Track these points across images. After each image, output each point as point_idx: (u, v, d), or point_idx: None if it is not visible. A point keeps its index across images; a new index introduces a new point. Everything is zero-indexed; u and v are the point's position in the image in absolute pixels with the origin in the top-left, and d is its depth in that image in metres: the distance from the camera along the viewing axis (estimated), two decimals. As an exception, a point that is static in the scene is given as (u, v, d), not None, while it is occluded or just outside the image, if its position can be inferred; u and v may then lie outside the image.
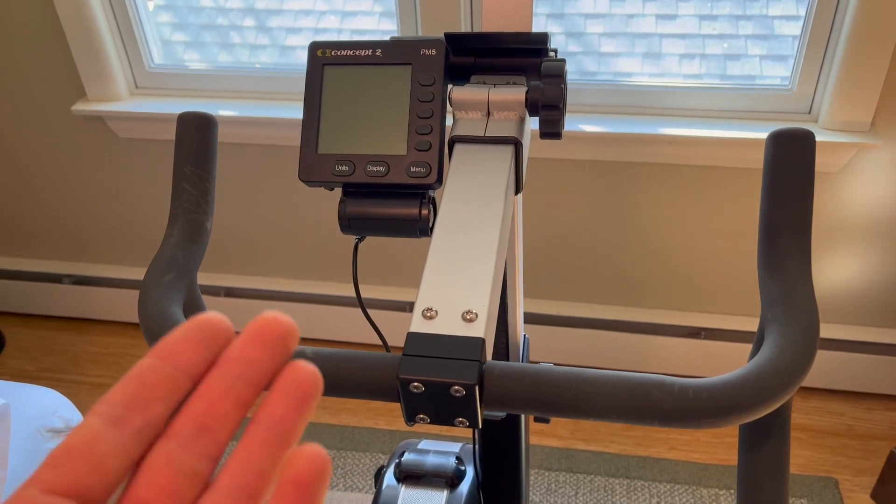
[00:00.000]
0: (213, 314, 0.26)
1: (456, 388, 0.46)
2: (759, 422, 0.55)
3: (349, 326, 2.01)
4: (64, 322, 2.21)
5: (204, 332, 0.26)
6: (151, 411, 0.24)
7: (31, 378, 2.02)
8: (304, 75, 0.65)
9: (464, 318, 0.48)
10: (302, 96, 1.69)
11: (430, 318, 0.49)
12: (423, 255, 0.54)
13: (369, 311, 0.71)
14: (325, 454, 0.25)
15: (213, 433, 0.25)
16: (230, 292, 2.03)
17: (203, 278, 2.02)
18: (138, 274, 2.09)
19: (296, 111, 1.69)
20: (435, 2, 1.54)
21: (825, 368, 1.82)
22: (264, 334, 0.26)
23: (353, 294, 0.68)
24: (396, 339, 0.83)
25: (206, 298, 2.03)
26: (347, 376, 0.50)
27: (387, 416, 1.87)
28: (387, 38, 0.65)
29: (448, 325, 0.48)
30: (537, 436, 1.79)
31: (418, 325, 0.48)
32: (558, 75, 0.59)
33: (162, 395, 0.25)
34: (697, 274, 1.78)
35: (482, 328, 0.48)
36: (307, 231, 1.92)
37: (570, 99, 1.62)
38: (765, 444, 0.56)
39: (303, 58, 1.78)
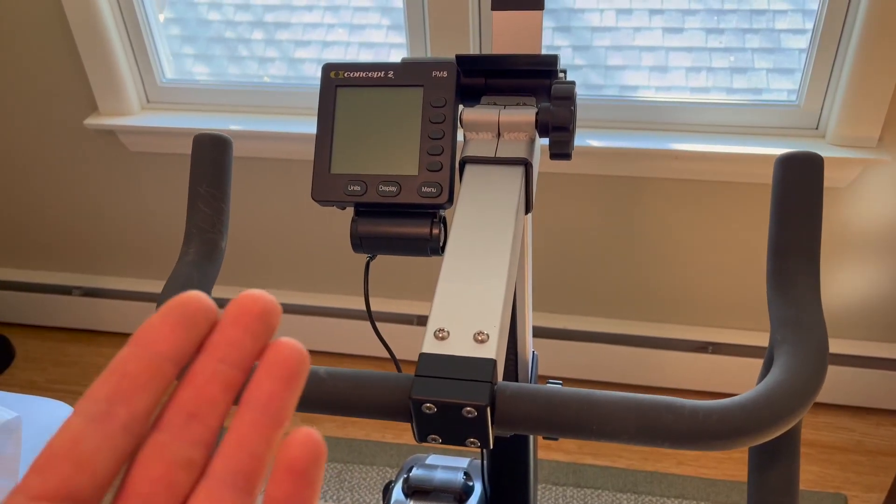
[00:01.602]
0: (193, 293, 0.25)
1: (468, 409, 0.46)
2: (768, 443, 0.56)
3: (360, 339, 2.02)
4: (74, 334, 2.22)
5: (183, 313, 0.25)
6: (137, 403, 0.24)
7: (41, 389, 2.03)
8: (315, 90, 0.66)
9: (475, 339, 0.49)
10: (312, 111, 1.71)
11: (442, 338, 0.49)
12: (433, 269, 0.54)
13: (379, 324, 0.72)
14: (318, 438, 0.24)
15: (204, 419, 0.24)
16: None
17: (214, 291, 2.02)
18: (148, 286, 2.10)
19: (306, 126, 1.71)
20: (443, 15, 1.55)
21: (834, 384, 1.81)
22: (244, 315, 0.25)
23: (364, 307, 0.68)
24: (406, 352, 0.84)
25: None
26: (360, 397, 0.50)
27: (394, 429, 1.87)
28: (395, 52, 0.66)
29: (460, 346, 0.49)
30: (545, 450, 1.79)
31: (430, 345, 0.49)
32: (568, 98, 0.60)
33: (146, 384, 0.24)
34: (705, 288, 1.78)
35: (493, 349, 0.48)
36: (317, 244, 1.93)
37: (578, 114, 1.63)
38: (775, 465, 0.56)
39: (311, 71, 1.79)
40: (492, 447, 0.48)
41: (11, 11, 1.73)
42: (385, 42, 1.77)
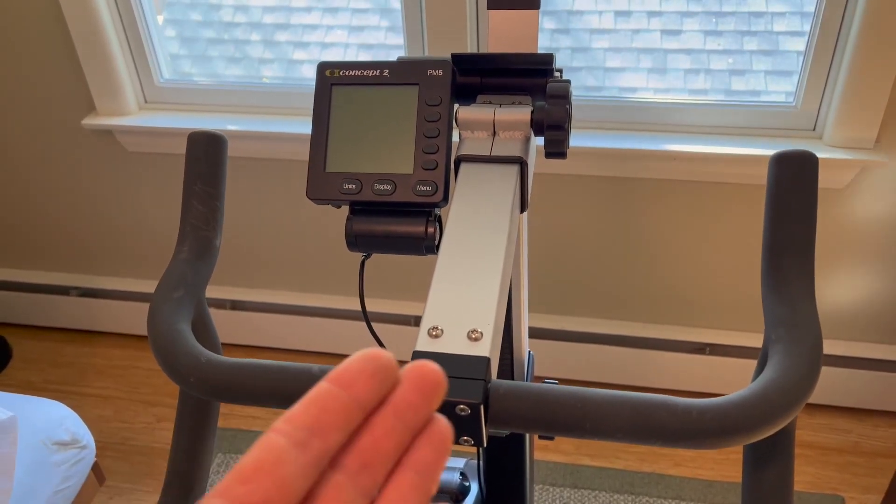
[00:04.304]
0: (382, 351, 0.27)
1: (461, 406, 0.46)
2: (763, 442, 0.56)
3: (356, 340, 2.01)
4: (70, 334, 2.22)
5: (376, 365, 0.26)
6: (330, 439, 0.25)
7: (38, 390, 2.02)
8: (311, 91, 0.65)
9: (469, 338, 0.49)
10: (309, 111, 1.70)
11: (436, 336, 0.49)
12: (430, 269, 0.54)
13: (375, 325, 0.72)
14: None
15: (373, 470, 0.25)
16: (236, 305, 2.04)
17: (209, 291, 2.02)
18: (145, 286, 2.10)
19: (303, 126, 1.71)
20: (441, 18, 1.55)
21: (831, 385, 1.81)
22: (424, 382, 0.27)
23: (360, 308, 0.68)
24: (404, 353, 0.84)
25: (211, 311, 2.03)
26: (354, 394, 0.50)
27: (391, 429, 1.87)
28: (394, 53, 0.66)
29: (453, 343, 0.48)
30: (542, 451, 1.79)
31: (424, 343, 0.49)
32: (563, 96, 0.60)
33: (340, 424, 0.25)
34: (702, 289, 1.78)
35: (487, 347, 0.48)
36: (313, 244, 1.93)
37: (576, 115, 1.63)
38: (769, 464, 0.56)
39: (309, 72, 1.79)
40: (485, 445, 0.48)
41: (9, 11, 1.73)
42: (384, 43, 1.77)
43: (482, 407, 0.46)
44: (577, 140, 1.59)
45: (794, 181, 0.55)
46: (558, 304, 1.88)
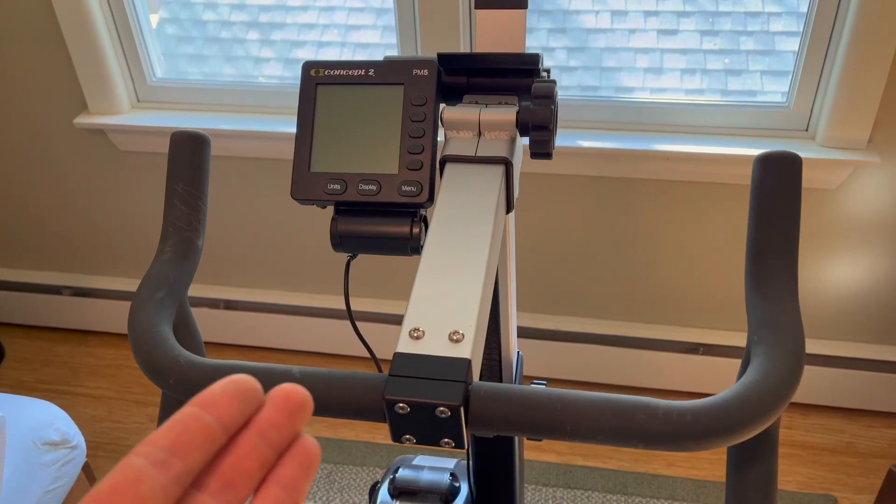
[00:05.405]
0: (247, 377, 0.28)
1: (441, 409, 0.46)
2: (746, 443, 0.55)
3: (347, 339, 2.01)
4: (63, 333, 2.21)
5: (239, 388, 0.27)
6: (190, 459, 0.26)
7: (30, 389, 2.02)
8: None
9: (450, 339, 0.48)
10: (302, 110, 1.70)
11: (418, 338, 0.49)
12: (417, 269, 0.54)
13: (366, 324, 0.72)
14: None
15: (237, 489, 0.27)
16: (230, 305, 2.03)
17: (203, 290, 2.02)
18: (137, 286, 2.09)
19: (294, 125, 1.70)
20: (433, 17, 1.54)
21: (825, 385, 1.81)
22: (288, 402, 0.28)
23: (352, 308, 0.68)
24: (392, 354, 0.83)
25: (205, 311, 2.03)
26: (334, 397, 0.50)
27: (384, 430, 1.87)
28: (388, 53, 0.65)
29: (435, 345, 0.48)
30: (535, 451, 1.79)
31: (405, 345, 0.48)
32: (548, 96, 0.60)
33: (201, 444, 0.26)
34: (696, 289, 1.78)
35: (469, 349, 0.48)
36: (307, 244, 1.92)
37: (571, 115, 1.63)
38: (752, 465, 0.56)
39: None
40: (466, 447, 0.48)
41: (1, 10, 1.73)
42: (380, 43, 1.76)
43: (462, 409, 0.46)
44: (572, 140, 1.59)
45: (777, 182, 0.55)
46: (550, 303, 1.88)
